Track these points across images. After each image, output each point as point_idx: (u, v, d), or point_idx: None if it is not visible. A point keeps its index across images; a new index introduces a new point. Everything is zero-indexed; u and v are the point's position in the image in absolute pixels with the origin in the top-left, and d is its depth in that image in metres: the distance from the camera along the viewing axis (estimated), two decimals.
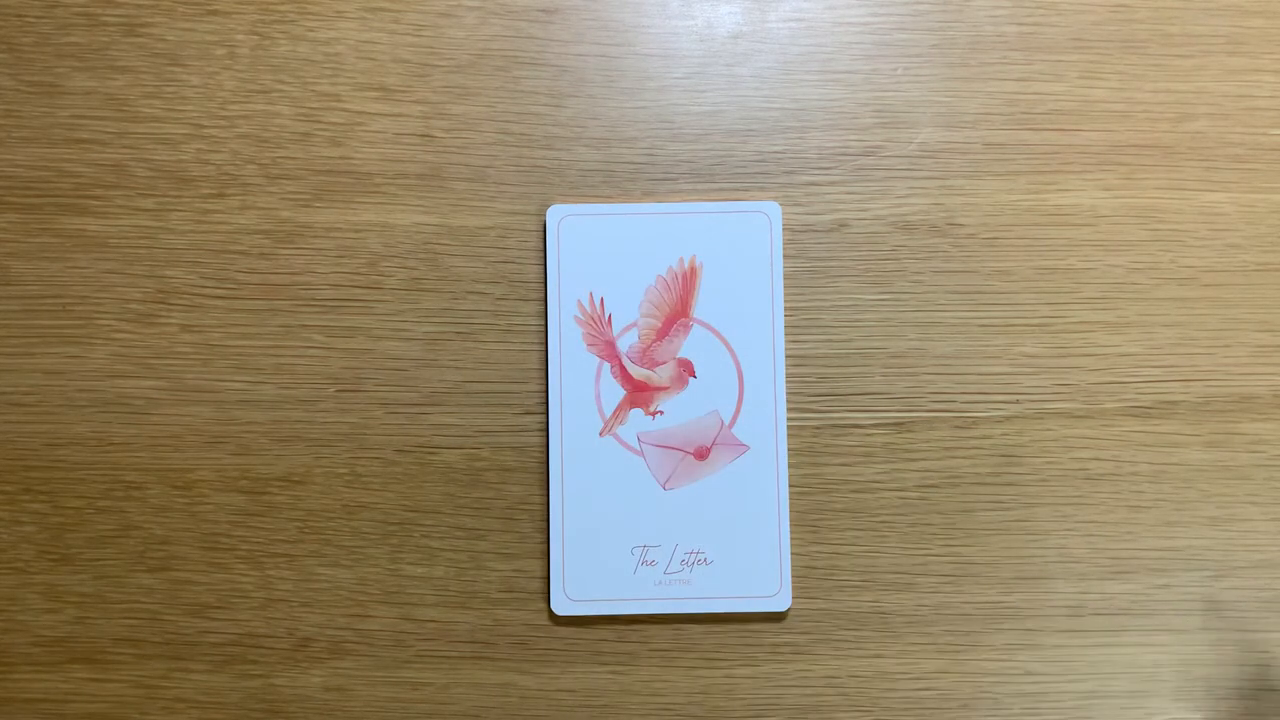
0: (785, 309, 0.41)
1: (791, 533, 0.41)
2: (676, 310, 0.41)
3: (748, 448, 0.40)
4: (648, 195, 0.42)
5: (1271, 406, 0.41)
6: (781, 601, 0.40)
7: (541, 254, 0.41)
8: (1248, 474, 0.41)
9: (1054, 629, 0.41)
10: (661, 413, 0.41)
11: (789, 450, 0.41)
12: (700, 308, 0.41)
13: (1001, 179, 0.42)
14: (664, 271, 0.41)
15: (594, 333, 0.41)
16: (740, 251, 0.41)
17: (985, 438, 0.41)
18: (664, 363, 0.41)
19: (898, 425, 0.41)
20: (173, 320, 0.41)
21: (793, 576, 0.40)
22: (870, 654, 0.40)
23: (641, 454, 0.40)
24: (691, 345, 0.41)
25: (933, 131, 0.42)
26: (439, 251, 0.41)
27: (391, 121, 0.42)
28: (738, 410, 0.41)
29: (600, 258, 0.41)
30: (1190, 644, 0.41)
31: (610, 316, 0.41)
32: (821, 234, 0.42)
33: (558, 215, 0.41)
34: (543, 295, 0.41)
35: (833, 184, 0.42)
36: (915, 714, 0.40)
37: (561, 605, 0.40)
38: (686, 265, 0.41)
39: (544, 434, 0.41)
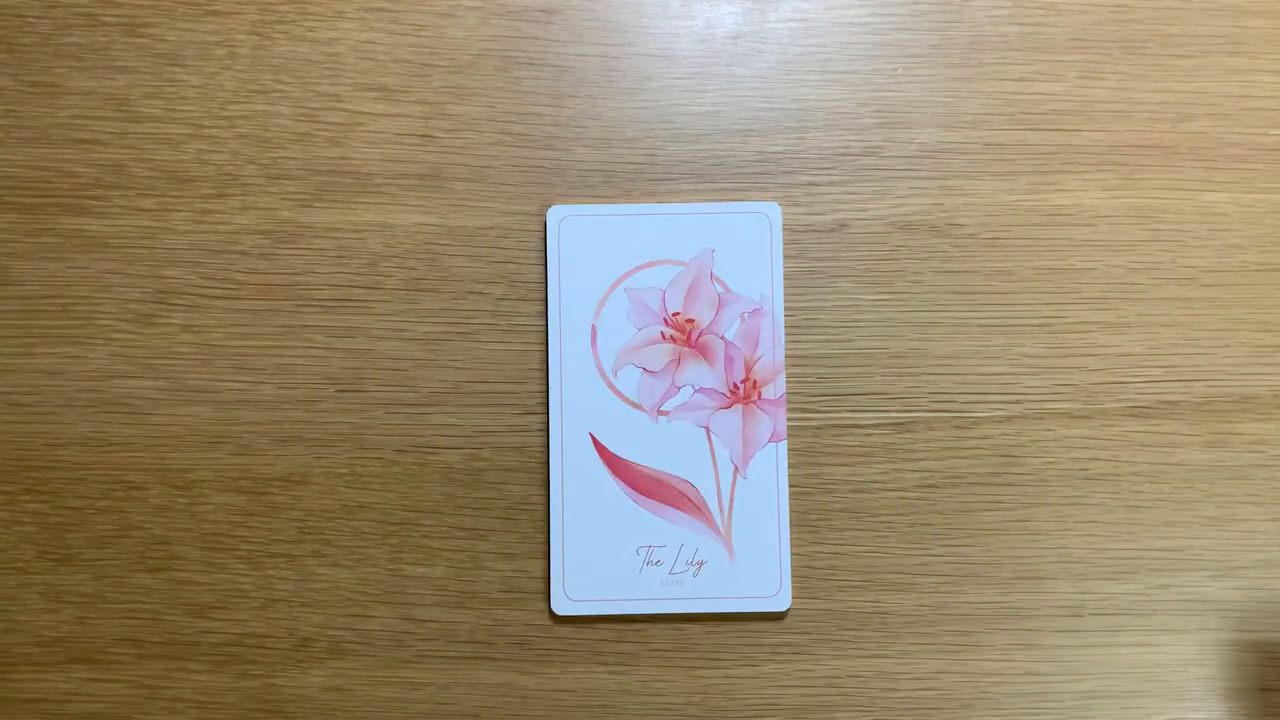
0: (785, 309, 0.41)
1: (791, 533, 0.41)
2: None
3: None
4: (648, 196, 0.42)
5: (1271, 406, 0.41)
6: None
7: (541, 254, 0.41)
8: (1248, 474, 0.41)
9: (1054, 629, 0.41)
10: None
11: (789, 450, 0.41)
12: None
13: (1001, 179, 0.42)
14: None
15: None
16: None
17: (985, 438, 0.41)
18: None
19: (898, 425, 0.41)
20: (173, 320, 0.41)
21: (793, 576, 0.40)
22: (870, 654, 0.40)
23: None
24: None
25: (933, 131, 0.42)
26: (439, 252, 0.41)
27: (391, 121, 0.42)
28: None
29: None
30: (1190, 644, 0.41)
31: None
32: (821, 234, 0.42)
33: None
34: (543, 295, 0.41)
35: (833, 184, 0.42)
36: (915, 714, 0.40)
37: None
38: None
39: (544, 434, 0.41)
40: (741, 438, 0.40)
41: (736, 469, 0.40)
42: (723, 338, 0.41)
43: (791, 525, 0.41)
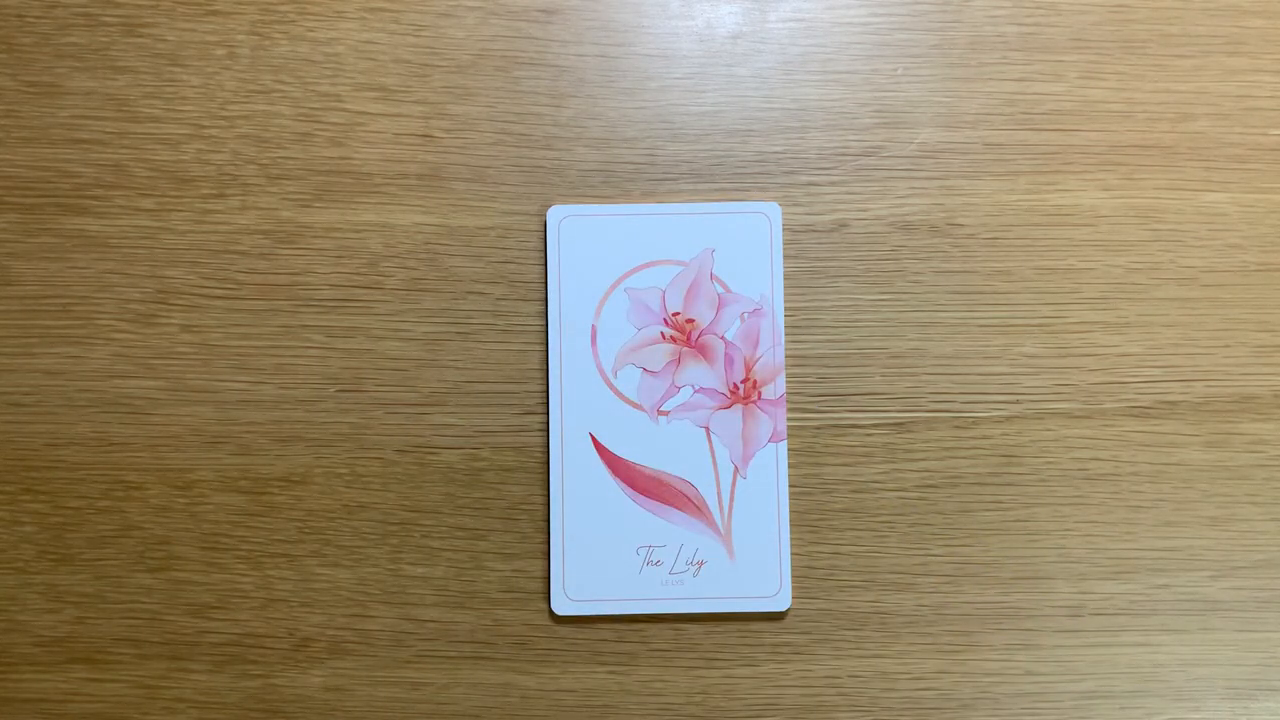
0: (785, 309, 0.41)
1: (791, 533, 0.41)
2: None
3: None
4: (648, 196, 0.42)
5: (1271, 406, 0.41)
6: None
7: (541, 254, 0.41)
8: (1248, 474, 0.41)
9: (1054, 629, 0.41)
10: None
11: (789, 450, 0.41)
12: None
13: (1001, 179, 0.42)
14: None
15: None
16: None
17: (985, 438, 0.41)
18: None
19: (898, 425, 0.41)
20: (173, 320, 0.41)
21: (793, 576, 0.40)
22: (870, 654, 0.40)
23: None
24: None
25: (933, 131, 0.42)
26: (439, 251, 0.41)
27: (391, 121, 0.42)
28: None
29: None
30: (1190, 644, 0.41)
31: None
32: (821, 234, 0.42)
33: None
34: (543, 295, 0.41)
35: (833, 184, 0.42)
36: (915, 714, 0.40)
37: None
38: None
39: (544, 434, 0.41)
40: (741, 438, 0.40)
41: (736, 469, 0.40)
42: (723, 338, 0.41)
43: (791, 525, 0.41)
